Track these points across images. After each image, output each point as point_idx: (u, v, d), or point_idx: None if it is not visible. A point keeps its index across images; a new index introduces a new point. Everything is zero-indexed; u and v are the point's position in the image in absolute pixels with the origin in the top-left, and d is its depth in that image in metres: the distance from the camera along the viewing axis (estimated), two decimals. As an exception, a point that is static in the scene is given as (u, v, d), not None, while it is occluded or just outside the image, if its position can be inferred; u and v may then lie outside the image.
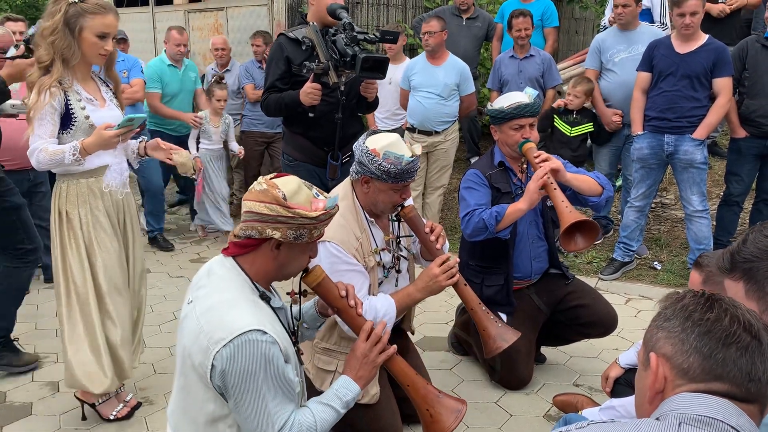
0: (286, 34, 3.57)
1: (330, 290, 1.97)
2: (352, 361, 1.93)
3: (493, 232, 2.95)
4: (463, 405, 2.03)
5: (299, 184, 1.77)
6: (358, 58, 3.15)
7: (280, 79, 3.54)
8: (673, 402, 1.14)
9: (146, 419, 3.01)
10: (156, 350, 3.70)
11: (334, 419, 1.85)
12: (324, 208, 1.75)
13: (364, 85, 3.51)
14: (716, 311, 1.17)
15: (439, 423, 1.97)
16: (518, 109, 3.01)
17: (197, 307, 1.75)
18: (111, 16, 2.68)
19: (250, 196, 1.75)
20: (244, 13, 6.97)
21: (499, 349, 2.50)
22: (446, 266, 2.44)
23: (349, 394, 1.88)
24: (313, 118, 3.45)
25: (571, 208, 2.81)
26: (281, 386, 1.69)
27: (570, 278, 3.31)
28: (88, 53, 2.70)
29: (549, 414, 3.04)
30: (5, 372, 3.42)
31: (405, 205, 2.53)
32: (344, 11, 3.38)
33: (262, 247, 1.78)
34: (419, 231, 2.55)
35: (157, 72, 5.68)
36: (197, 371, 1.70)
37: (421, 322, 3.98)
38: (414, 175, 2.45)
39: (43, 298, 4.39)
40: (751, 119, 4.37)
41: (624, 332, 3.79)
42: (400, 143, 2.43)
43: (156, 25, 8.32)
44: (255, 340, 1.63)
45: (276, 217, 1.71)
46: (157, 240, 5.74)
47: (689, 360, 1.15)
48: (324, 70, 3.33)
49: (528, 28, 5.28)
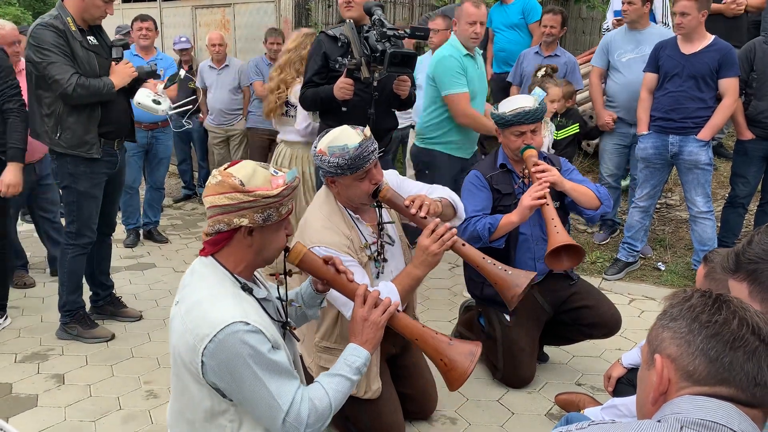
0: (326, 32, 3.72)
1: (315, 264, 1.95)
2: (354, 327, 1.91)
3: (487, 242, 2.98)
4: (477, 346, 2.00)
5: (254, 166, 1.75)
6: (387, 54, 3.23)
7: (317, 74, 3.67)
8: (675, 405, 1.13)
9: (150, 412, 3.03)
10: (160, 344, 3.72)
11: (347, 388, 1.83)
12: (285, 183, 1.73)
13: (396, 81, 3.59)
14: (724, 313, 1.14)
15: (455, 369, 1.94)
16: (518, 116, 3.01)
17: (182, 308, 1.76)
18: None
19: (208, 192, 1.73)
20: (251, 10, 6.97)
21: (516, 294, 2.37)
22: (435, 234, 2.31)
23: (358, 360, 1.86)
24: (346, 112, 3.52)
25: (560, 228, 2.82)
26: (275, 370, 1.69)
27: (574, 279, 3.31)
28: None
29: (551, 413, 3.05)
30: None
31: (380, 189, 2.45)
32: (379, 8, 3.46)
33: (235, 238, 1.77)
34: (400, 208, 2.46)
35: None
36: (189, 370, 1.71)
37: (424, 320, 3.97)
38: (371, 157, 2.37)
39: (48, 291, 4.42)
40: (758, 121, 4.36)
41: (627, 332, 3.79)
42: (344, 134, 2.37)
43: (163, 21, 8.33)
44: (238, 331, 1.63)
45: (239, 204, 1.69)
46: (152, 234, 5.77)
47: (695, 362, 1.13)
48: (356, 65, 3.42)
49: (555, 26, 5.22)
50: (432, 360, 2.00)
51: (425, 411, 2.96)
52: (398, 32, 3.37)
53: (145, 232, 5.78)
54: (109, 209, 3.87)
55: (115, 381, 3.32)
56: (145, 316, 4.11)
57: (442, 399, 3.05)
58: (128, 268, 5.05)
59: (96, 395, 3.18)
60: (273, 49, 6.04)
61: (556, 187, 2.98)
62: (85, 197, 3.59)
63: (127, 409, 3.06)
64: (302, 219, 2.60)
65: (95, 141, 3.51)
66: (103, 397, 3.17)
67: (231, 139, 6.60)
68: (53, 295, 3.91)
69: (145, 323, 4.03)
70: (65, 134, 3.45)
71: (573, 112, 4.95)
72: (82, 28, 3.48)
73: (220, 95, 6.40)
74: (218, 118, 6.50)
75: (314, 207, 2.59)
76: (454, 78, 3.99)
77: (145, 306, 4.27)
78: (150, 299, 4.42)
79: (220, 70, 6.38)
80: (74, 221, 3.62)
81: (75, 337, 3.74)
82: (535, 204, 2.90)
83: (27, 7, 18.56)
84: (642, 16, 4.67)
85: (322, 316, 2.63)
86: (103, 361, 3.52)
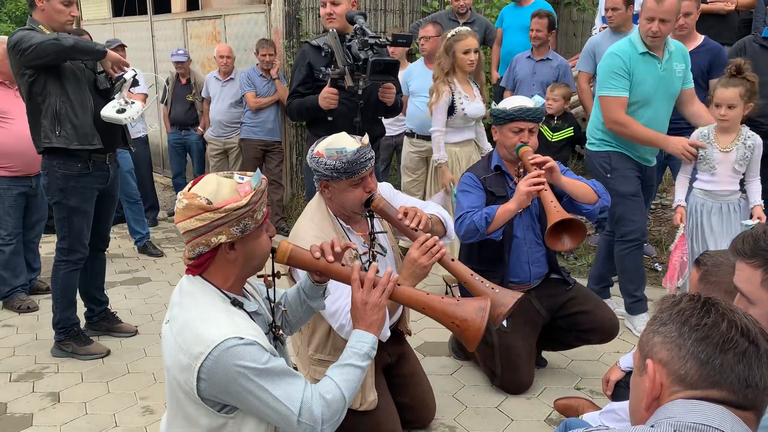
0: (310, 42, 3.74)
1: (304, 258, 1.91)
2: (356, 313, 1.88)
3: (484, 234, 2.95)
4: (486, 300, 1.97)
5: (217, 180, 1.71)
6: (369, 62, 3.26)
7: (302, 85, 3.69)
8: (668, 409, 1.13)
9: (147, 429, 3.01)
10: (156, 359, 3.69)
11: (358, 376, 1.80)
12: (252, 189, 1.70)
13: (382, 89, 3.61)
14: (713, 316, 1.15)
15: (469, 329, 1.91)
16: (520, 111, 3.02)
17: (173, 327, 1.73)
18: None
19: (178, 217, 1.70)
20: (241, 21, 6.98)
21: (502, 314, 2.35)
22: (424, 247, 2.30)
23: (365, 346, 1.83)
24: (332, 121, 3.53)
25: (559, 208, 2.80)
26: (277, 376, 1.66)
27: (571, 283, 3.30)
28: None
29: (550, 418, 3.03)
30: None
31: (373, 198, 2.46)
32: (361, 17, 3.48)
33: (218, 256, 1.74)
34: (393, 220, 2.47)
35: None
36: (183, 390, 1.69)
37: (421, 327, 3.97)
38: (367, 165, 2.39)
39: (43, 308, 4.39)
40: (750, 119, 4.35)
41: (625, 335, 3.78)
42: (342, 139, 2.41)
43: (155, 34, 8.34)
44: (234, 347, 1.61)
45: (211, 224, 1.66)
46: (147, 248, 5.74)
47: (686, 366, 1.13)
48: (340, 74, 3.44)
49: (541, 30, 5.24)
50: (443, 324, 1.96)
51: (424, 420, 2.94)
52: (380, 40, 3.38)
53: (139, 247, 5.75)
54: (102, 224, 3.85)
55: (110, 398, 3.30)
56: (140, 331, 4.08)
57: (441, 407, 3.04)
58: (123, 283, 5.03)
59: (92, 413, 3.16)
60: (265, 61, 6.05)
61: (553, 176, 2.95)
62: (75, 212, 3.57)
63: (123, 426, 3.03)
64: (293, 228, 2.60)
65: (95, 133, 3.50)
66: (99, 414, 3.14)
67: (230, 152, 6.62)
68: (48, 312, 3.88)
69: (140, 338, 4.00)
70: (65, 128, 3.44)
71: (569, 115, 4.97)
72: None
73: (221, 107, 6.42)
74: (217, 130, 6.52)
75: (305, 216, 2.59)
76: (610, 78, 3.63)
77: (141, 321, 4.25)
78: (145, 313, 4.40)
79: (224, 83, 6.40)
80: (65, 237, 3.60)
81: (70, 354, 3.71)
82: (533, 190, 2.86)
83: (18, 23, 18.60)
84: (626, 20, 4.74)
85: (313, 329, 2.61)
86: (98, 378, 3.50)
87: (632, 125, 3.64)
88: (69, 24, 3.54)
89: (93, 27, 8.69)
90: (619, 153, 3.78)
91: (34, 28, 3.43)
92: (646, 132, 3.63)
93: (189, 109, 6.72)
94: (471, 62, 4.25)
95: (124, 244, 6.02)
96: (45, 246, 5.25)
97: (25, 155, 4.14)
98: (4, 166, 4.29)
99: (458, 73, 4.31)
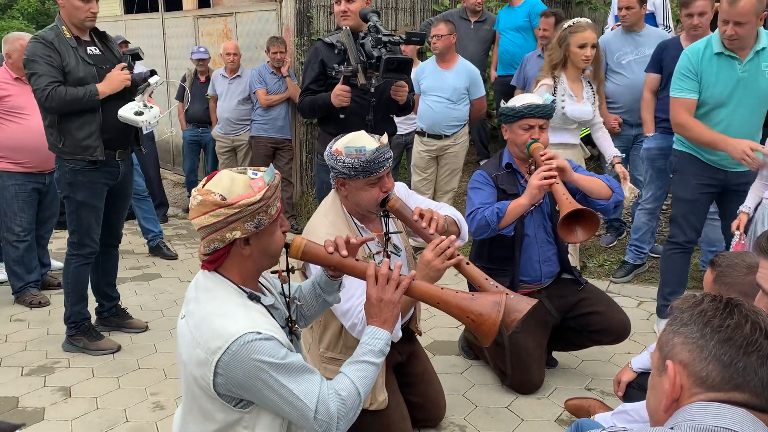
0: (323, 39, 3.72)
1: (318, 253, 1.90)
2: (370, 310, 1.87)
3: (496, 229, 2.94)
4: (501, 295, 1.95)
5: (231, 176, 1.71)
6: (383, 60, 3.24)
7: (314, 82, 3.67)
8: (688, 411, 1.11)
9: (157, 424, 3.01)
10: (167, 355, 3.70)
11: (373, 372, 1.80)
12: (266, 184, 1.70)
13: (394, 88, 3.59)
14: (736, 317, 1.13)
15: (485, 323, 1.90)
16: (530, 108, 3.00)
17: (190, 322, 1.74)
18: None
19: (193, 214, 1.70)
20: (252, 18, 6.99)
21: (515, 320, 2.31)
22: (439, 249, 2.28)
23: (379, 343, 1.82)
24: (344, 119, 3.51)
25: (571, 200, 2.78)
26: (295, 371, 1.67)
27: (582, 283, 3.28)
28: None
29: (561, 418, 3.02)
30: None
31: (389, 199, 2.45)
32: (375, 15, 3.47)
33: (233, 251, 1.74)
34: (408, 220, 2.46)
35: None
36: (199, 384, 1.69)
37: (431, 326, 3.96)
38: (385, 165, 2.39)
39: (54, 303, 4.42)
40: (764, 121, 4.32)
41: (636, 335, 3.76)
42: (361, 137, 2.40)
43: (166, 31, 8.37)
44: (252, 341, 1.61)
45: (226, 219, 1.66)
46: (160, 248, 5.66)
47: (708, 368, 1.11)
48: (353, 72, 3.42)
49: (548, 29, 5.22)
50: (459, 319, 1.95)
51: (434, 419, 2.94)
52: (393, 38, 3.37)
53: (151, 246, 5.70)
54: (114, 220, 3.87)
55: (121, 393, 3.31)
56: (150, 327, 4.10)
57: (451, 406, 3.03)
58: (133, 279, 5.05)
59: (102, 408, 3.17)
60: (276, 58, 6.05)
61: (565, 175, 2.93)
62: (83, 207, 3.59)
63: (134, 422, 3.05)
64: (307, 225, 2.60)
65: (98, 144, 3.50)
66: (110, 409, 3.16)
67: (238, 150, 6.62)
68: (59, 307, 3.90)
69: (151, 334, 4.02)
70: (67, 140, 3.48)
71: None
72: (78, 36, 3.51)
73: (229, 105, 6.41)
74: (225, 128, 6.51)
75: (319, 213, 2.59)
76: (677, 79, 3.47)
77: (151, 317, 4.26)
78: (156, 309, 4.42)
79: (231, 80, 6.40)
80: (75, 231, 3.64)
81: (81, 349, 3.73)
82: (544, 184, 2.84)
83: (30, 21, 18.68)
84: (639, 19, 4.71)
85: (325, 327, 2.61)
86: (109, 373, 3.51)
87: (694, 128, 3.42)
88: (89, 21, 3.51)
89: (105, 24, 8.72)
90: (689, 155, 3.60)
91: (56, 27, 3.45)
92: (709, 134, 3.38)
93: (207, 107, 6.74)
94: (586, 58, 3.86)
95: (134, 240, 6.04)
96: (56, 242, 5.28)
97: (39, 151, 4.16)
98: (19, 161, 4.33)
99: (569, 69, 3.94)
